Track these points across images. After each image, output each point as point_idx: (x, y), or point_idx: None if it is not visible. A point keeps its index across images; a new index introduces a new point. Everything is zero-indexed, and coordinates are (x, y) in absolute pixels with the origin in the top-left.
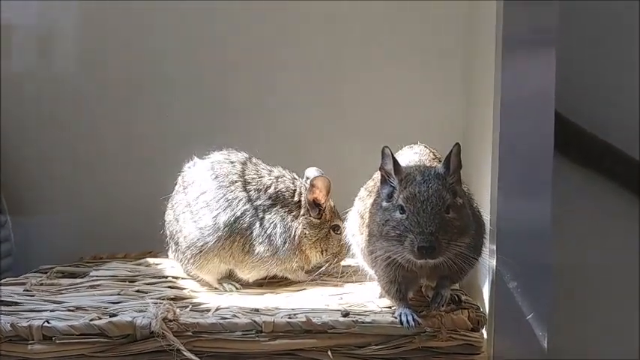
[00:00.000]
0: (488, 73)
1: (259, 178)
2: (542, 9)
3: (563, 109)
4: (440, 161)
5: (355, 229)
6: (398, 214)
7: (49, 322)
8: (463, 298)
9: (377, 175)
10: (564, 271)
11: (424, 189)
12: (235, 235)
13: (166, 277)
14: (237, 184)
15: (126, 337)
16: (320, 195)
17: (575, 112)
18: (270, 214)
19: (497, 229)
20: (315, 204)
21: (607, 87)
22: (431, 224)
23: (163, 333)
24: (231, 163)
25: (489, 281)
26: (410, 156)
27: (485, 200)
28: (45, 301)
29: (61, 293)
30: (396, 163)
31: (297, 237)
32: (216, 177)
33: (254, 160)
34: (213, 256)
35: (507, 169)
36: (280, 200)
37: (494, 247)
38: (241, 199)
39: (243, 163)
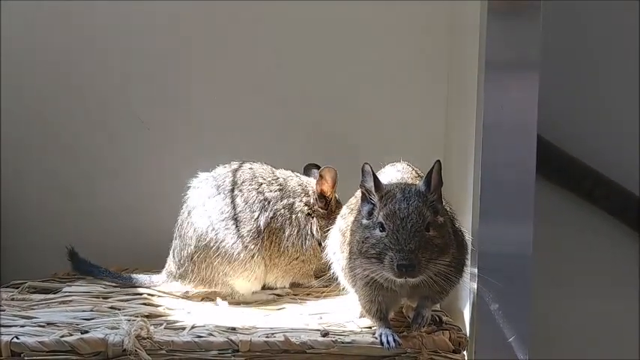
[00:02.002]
0: (471, 92)
1: (275, 178)
2: (525, 33)
3: (544, 131)
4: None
5: (336, 247)
6: (378, 232)
7: (18, 338)
8: (444, 319)
9: (359, 193)
10: (546, 294)
11: (404, 206)
12: (273, 236)
13: (141, 293)
14: (262, 185)
15: (97, 354)
16: (326, 186)
17: (555, 135)
18: (292, 213)
19: (479, 251)
20: (321, 195)
21: (588, 110)
22: (410, 242)
23: (136, 351)
24: (250, 168)
25: (470, 303)
26: (392, 173)
27: (466, 219)
28: (15, 316)
29: (32, 309)
30: (376, 180)
31: (314, 232)
32: (243, 182)
33: (262, 164)
34: (261, 259)
35: (489, 191)
36: (296, 196)
37: (476, 270)
38: (270, 200)
39: (259, 167)
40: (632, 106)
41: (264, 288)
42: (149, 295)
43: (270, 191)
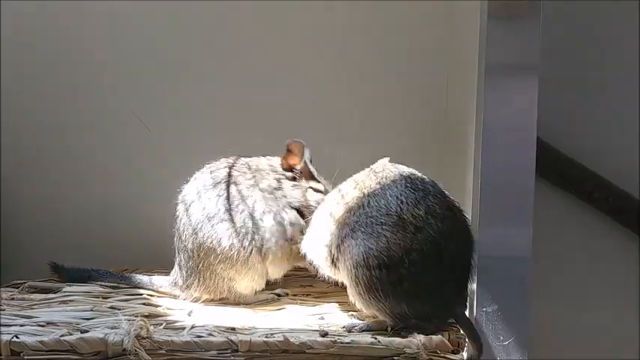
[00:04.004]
0: (470, 95)
1: (248, 167)
2: (524, 36)
3: (543, 134)
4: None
5: None
6: None
7: (17, 337)
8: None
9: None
10: (545, 296)
11: None
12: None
13: (141, 294)
14: (239, 178)
15: (97, 354)
16: (293, 158)
17: (554, 137)
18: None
19: (478, 253)
20: (289, 168)
21: (588, 113)
22: None
23: (136, 351)
24: (225, 167)
25: (469, 304)
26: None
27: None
28: (15, 315)
29: (32, 308)
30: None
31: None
32: (219, 182)
33: (237, 157)
34: (257, 253)
35: (488, 193)
36: (265, 176)
37: (475, 271)
38: (248, 188)
39: (232, 162)
40: (631, 109)
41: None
42: (149, 295)
43: (246, 179)
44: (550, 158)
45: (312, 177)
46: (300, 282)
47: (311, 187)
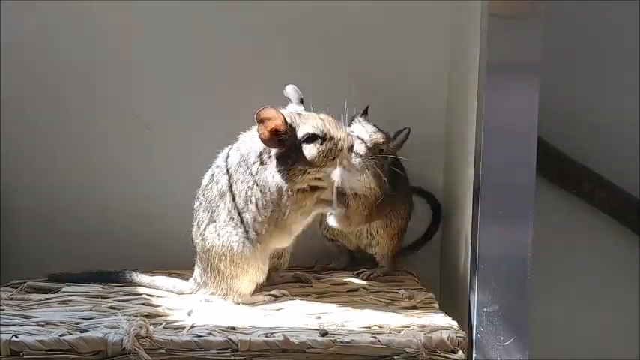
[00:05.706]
0: (471, 94)
1: (226, 159)
2: (525, 35)
3: (544, 133)
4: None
5: None
6: None
7: (17, 337)
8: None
9: None
10: (546, 295)
11: None
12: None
13: (140, 294)
14: (216, 176)
15: (97, 353)
16: (273, 122)
17: (555, 137)
18: (252, 175)
19: (479, 252)
20: (271, 137)
21: (588, 112)
22: None
23: (136, 350)
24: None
25: (470, 304)
26: None
27: (466, 220)
28: (14, 315)
29: (32, 308)
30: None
31: (275, 186)
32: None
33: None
34: (249, 242)
35: (489, 193)
36: (248, 158)
37: (476, 270)
38: (225, 180)
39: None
40: (632, 108)
41: (262, 286)
42: (148, 295)
43: (223, 172)
44: (550, 158)
45: (294, 129)
46: (299, 282)
47: (304, 141)
